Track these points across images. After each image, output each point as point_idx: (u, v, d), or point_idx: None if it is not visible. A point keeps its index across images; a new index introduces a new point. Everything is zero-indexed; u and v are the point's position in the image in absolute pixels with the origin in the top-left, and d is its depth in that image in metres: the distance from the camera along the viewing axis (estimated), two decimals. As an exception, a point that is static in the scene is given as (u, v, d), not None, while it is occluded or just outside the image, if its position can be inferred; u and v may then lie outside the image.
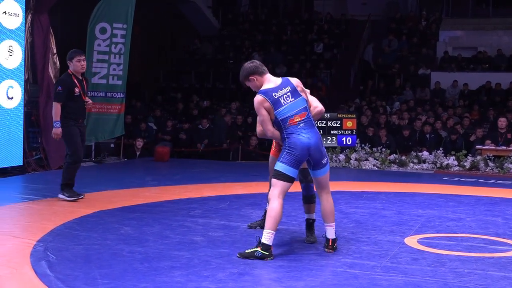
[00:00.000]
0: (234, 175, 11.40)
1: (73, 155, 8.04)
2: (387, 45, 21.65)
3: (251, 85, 5.70)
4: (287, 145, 5.44)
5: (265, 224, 5.39)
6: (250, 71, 5.66)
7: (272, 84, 5.56)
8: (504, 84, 18.66)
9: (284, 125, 5.46)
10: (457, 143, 14.10)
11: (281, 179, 5.43)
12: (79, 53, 8.11)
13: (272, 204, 5.41)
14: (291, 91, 5.54)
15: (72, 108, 7.95)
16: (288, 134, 5.45)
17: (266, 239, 5.30)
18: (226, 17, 24.80)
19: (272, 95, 5.48)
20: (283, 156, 5.44)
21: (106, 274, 4.73)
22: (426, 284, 4.67)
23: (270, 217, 5.38)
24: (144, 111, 17.87)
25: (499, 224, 7.18)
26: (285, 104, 5.48)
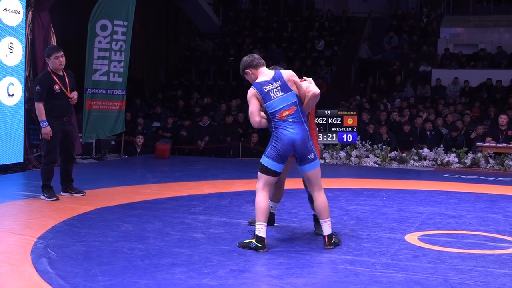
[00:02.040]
0: (234, 172, 11.40)
1: (47, 155, 7.98)
2: (388, 42, 21.63)
3: (248, 78, 5.88)
4: (273, 139, 5.59)
5: (256, 217, 5.57)
6: (246, 65, 5.84)
7: (266, 77, 5.69)
8: (505, 81, 18.66)
9: (273, 118, 5.59)
10: (458, 140, 14.10)
11: (265, 173, 5.64)
12: (56, 49, 7.99)
13: (258, 197, 5.60)
14: (281, 85, 5.64)
15: (55, 105, 7.84)
16: (275, 128, 5.59)
17: (258, 231, 5.50)
18: (227, 14, 24.79)
19: (263, 89, 5.61)
20: (268, 150, 5.61)
21: (106, 271, 4.73)
22: (426, 281, 4.67)
23: (257, 210, 5.56)
24: (145, 108, 17.88)
25: (499, 221, 7.18)
26: (274, 98, 5.59)
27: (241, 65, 5.89)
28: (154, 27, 21.72)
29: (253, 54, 6.00)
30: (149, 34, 21.23)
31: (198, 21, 23.57)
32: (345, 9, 24.43)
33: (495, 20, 21.97)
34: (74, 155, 8.49)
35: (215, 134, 15.57)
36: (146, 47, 20.97)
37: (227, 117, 16.17)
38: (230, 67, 21.40)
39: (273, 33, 23.05)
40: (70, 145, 8.11)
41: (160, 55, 22.53)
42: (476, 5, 23.38)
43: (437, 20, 22.49)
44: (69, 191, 8.16)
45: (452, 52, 20.83)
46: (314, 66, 20.40)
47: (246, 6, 26.07)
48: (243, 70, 5.87)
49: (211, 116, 16.65)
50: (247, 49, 21.93)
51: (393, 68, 20.28)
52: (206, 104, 18.43)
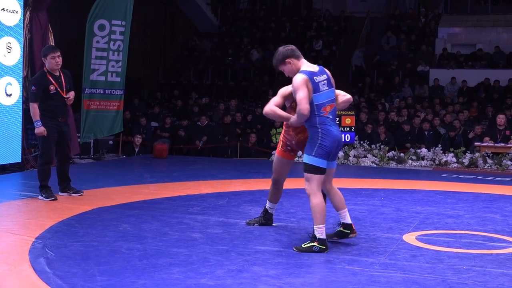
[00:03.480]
0: (232, 172, 11.39)
1: (42, 156, 7.95)
2: (386, 42, 21.64)
3: (286, 69, 5.64)
4: (320, 136, 5.42)
5: (315, 220, 5.45)
6: (287, 54, 5.60)
7: (312, 68, 5.54)
8: (502, 81, 18.66)
9: (318, 112, 5.44)
10: (456, 140, 14.11)
11: (316, 173, 5.45)
12: (53, 49, 7.95)
13: (315, 199, 5.45)
14: (327, 79, 5.56)
15: (50, 106, 7.79)
16: (320, 124, 5.45)
17: (320, 234, 5.41)
18: (225, 14, 24.81)
19: (314, 78, 5.45)
20: (316, 149, 5.42)
21: (104, 271, 4.73)
22: (424, 280, 4.67)
23: (317, 213, 5.43)
24: (143, 108, 17.88)
25: (497, 221, 7.19)
26: (322, 90, 5.48)
27: (280, 55, 5.62)
28: (152, 27, 21.71)
29: (290, 45, 5.75)
30: (147, 34, 21.23)
31: (196, 21, 23.58)
32: (343, 9, 24.43)
33: (493, 20, 22.00)
34: (70, 155, 8.45)
35: (213, 134, 15.57)
36: (144, 47, 20.96)
37: (225, 117, 16.16)
38: (228, 67, 21.41)
39: (271, 33, 23.07)
40: (66, 146, 8.05)
41: (158, 55, 22.53)
42: (474, 5, 23.39)
43: (435, 20, 22.51)
44: (67, 191, 8.14)
45: (450, 52, 20.85)
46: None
47: (244, 6, 26.09)
48: (283, 60, 5.60)
49: (209, 116, 16.65)
50: (245, 49, 21.97)
51: (391, 68, 20.29)
52: (204, 104, 18.43)
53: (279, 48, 5.71)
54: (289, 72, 5.63)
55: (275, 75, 20.02)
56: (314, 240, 5.43)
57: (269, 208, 6.52)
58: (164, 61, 22.86)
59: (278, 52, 5.66)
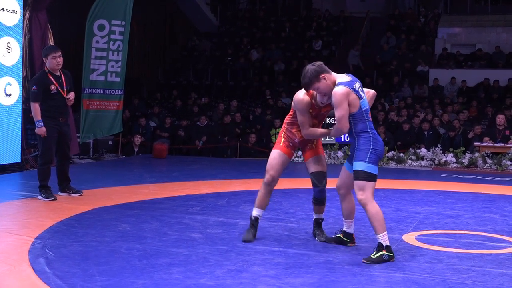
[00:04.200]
0: (232, 172, 11.40)
1: (42, 156, 7.93)
2: (386, 42, 21.64)
3: (322, 86, 5.32)
4: (371, 141, 5.28)
5: (376, 229, 5.25)
6: (320, 70, 5.31)
7: (347, 78, 5.33)
8: (502, 81, 18.66)
9: (367, 116, 5.30)
10: (455, 140, 14.12)
11: (372, 180, 5.32)
12: (54, 49, 7.93)
13: (373, 208, 5.27)
14: (361, 86, 5.40)
15: (51, 106, 7.79)
16: (371, 129, 5.32)
17: (386, 241, 5.23)
18: (225, 14, 24.81)
19: (353, 87, 5.24)
20: (369, 156, 5.26)
21: (104, 271, 4.73)
22: (424, 280, 4.67)
23: (377, 221, 5.24)
24: (142, 108, 17.88)
25: (497, 221, 7.19)
26: (363, 96, 5.34)
27: (312, 73, 5.29)
28: (152, 27, 21.71)
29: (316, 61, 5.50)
30: (147, 34, 21.22)
31: (195, 21, 23.59)
32: (343, 9, 24.45)
33: (493, 20, 22.00)
34: (70, 156, 8.43)
35: (213, 134, 15.57)
36: (143, 47, 20.96)
37: (225, 117, 16.16)
38: (228, 67, 21.41)
39: (271, 33, 23.07)
40: (66, 146, 8.04)
41: (157, 55, 22.52)
42: (473, 5, 23.40)
43: (435, 20, 22.52)
44: (66, 191, 8.13)
45: (449, 52, 20.85)
46: (312, 66, 20.35)
47: (244, 6, 26.10)
48: (318, 76, 5.28)
49: (208, 116, 16.65)
50: (244, 49, 21.96)
51: (390, 68, 20.29)
52: (203, 104, 18.43)
53: (307, 66, 5.40)
54: (325, 88, 5.32)
55: (275, 75, 20.03)
56: (382, 248, 5.22)
57: (259, 216, 5.99)
58: (163, 61, 22.86)
59: (307, 70, 5.34)
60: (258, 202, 5.96)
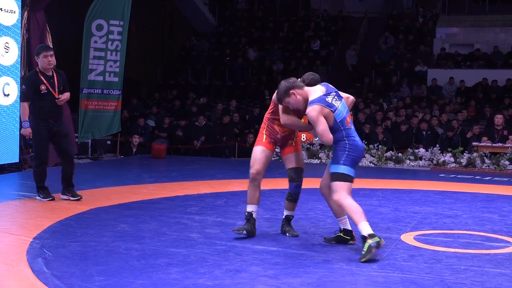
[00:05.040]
0: (230, 172, 11.40)
1: (36, 157, 7.81)
2: (384, 42, 21.64)
3: (291, 101, 5.59)
4: (347, 147, 5.46)
5: (354, 220, 5.36)
6: (290, 86, 5.57)
7: (320, 92, 5.51)
8: (500, 81, 18.69)
9: (342, 127, 5.48)
10: (454, 140, 14.12)
11: (347, 181, 5.47)
12: (46, 48, 7.78)
13: (347, 201, 5.42)
14: (336, 94, 5.57)
15: (41, 107, 7.58)
16: (347, 137, 5.49)
17: (367, 229, 5.28)
18: (223, 14, 24.81)
19: (326, 101, 5.44)
20: (344, 158, 5.45)
21: (102, 271, 4.72)
22: (422, 280, 4.67)
23: (355, 212, 5.36)
24: (141, 108, 17.88)
25: (495, 221, 7.19)
26: (337, 106, 5.49)
27: (283, 88, 5.58)
28: (150, 27, 21.71)
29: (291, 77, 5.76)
30: (145, 34, 21.21)
31: (194, 21, 23.59)
32: (341, 9, 24.46)
33: (491, 20, 22.02)
34: (71, 153, 8.06)
35: (211, 134, 15.57)
36: (142, 47, 20.96)
37: (224, 117, 16.16)
38: (226, 67, 21.41)
39: (269, 32, 23.08)
40: (64, 143, 7.81)
41: (156, 55, 22.52)
42: (471, 5, 23.41)
43: (433, 20, 22.53)
44: (66, 194, 7.90)
45: (448, 52, 20.86)
46: (310, 66, 20.39)
47: (242, 6, 26.10)
48: (287, 92, 5.56)
49: (207, 116, 16.65)
50: (243, 49, 21.96)
51: (389, 68, 20.30)
52: (202, 104, 18.43)
53: (281, 82, 5.67)
54: (295, 103, 5.60)
55: (273, 75, 20.03)
56: (365, 239, 5.27)
57: (252, 212, 6.08)
58: (162, 61, 22.85)
59: (280, 86, 5.63)
60: (249, 199, 6.09)
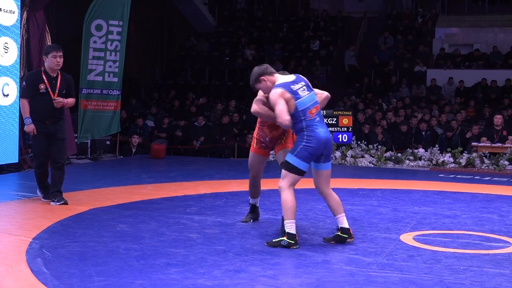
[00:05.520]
0: (230, 172, 11.40)
1: (35, 159, 7.76)
2: (383, 43, 21.65)
3: (262, 87, 5.85)
4: (305, 139, 5.60)
5: (284, 215, 5.62)
6: (260, 73, 5.82)
7: (288, 79, 5.73)
8: (499, 81, 18.70)
9: (303, 117, 5.61)
10: (453, 140, 14.13)
11: (293, 172, 5.62)
12: (56, 48, 7.64)
13: (285, 195, 5.62)
14: (305, 85, 5.76)
15: (39, 106, 7.48)
16: (307, 127, 5.62)
17: (289, 228, 5.55)
18: (222, 14, 24.80)
19: (290, 87, 5.66)
20: (298, 150, 5.60)
21: (102, 271, 4.72)
22: (421, 281, 4.68)
23: (286, 208, 5.59)
24: (140, 108, 17.87)
25: (494, 221, 7.20)
26: (303, 95, 5.65)
27: (254, 75, 5.85)
28: (150, 27, 21.70)
29: (263, 64, 6.01)
30: (144, 34, 21.21)
31: (193, 21, 23.58)
32: (340, 9, 24.48)
33: (490, 20, 22.02)
34: (60, 160, 7.70)
35: (211, 134, 15.57)
36: (141, 47, 20.95)
37: (223, 117, 16.16)
38: (226, 67, 21.40)
39: (268, 33, 23.08)
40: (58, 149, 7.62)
41: (155, 55, 22.52)
42: (471, 5, 23.42)
43: (432, 20, 22.53)
44: (52, 198, 7.63)
45: (447, 52, 20.87)
46: (310, 66, 20.42)
47: (242, 6, 26.09)
48: (257, 78, 5.82)
49: (206, 116, 16.64)
50: (242, 49, 21.96)
51: (388, 68, 20.30)
52: (201, 104, 18.43)
53: (254, 68, 5.93)
54: (265, 89, 5.84)
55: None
56: (284, 234, 5.59)
57: (255, 203, 6.80)
58: (161, 61, 22.85)
59: (252, 72, 5.89)
60: (251, 194, 6.75)
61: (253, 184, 6.63)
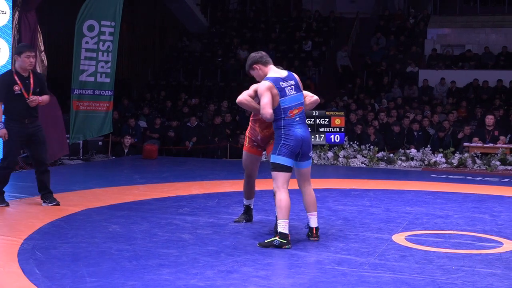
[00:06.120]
0: (222, 172, 11.40)
1: (4, 159, 7.51)
2: (376, 43, 21.69)
3: (255, 74, 6.00)
4: (283, 137, 5.73)
5: (278, 215, 5.71)
6: (255, 60, 5.96)
7: (278, 74, 5.85)
8: (491, 81, 18.76)
9: (284, 114, 5.75)
10: (445, 141, 14.17)
11: (281, 171, 5.73)
12: (29, 48, 7.55)
13: (279, 195, 5.71)
14: (295, 85, 5.87)
15: (15, 108, 7.32)
16: (284, 126, 5.75)
17: (282, 228, 5.62)
18: (215, 15, 24.79)
19: (280, 84, 5.76)
20: (279, 149, 5.74)
21: (94, 272, 4.71)
22: (414, 281, 4.68)
23: (280, 207, 5.68)
24: (132, 109, 17.84)
25: (486, 221, 7.22)
26: (289, 95, 5.78)
27: (249, 61, 5.99)
28: (142, 28, 21.67)
29: (261, 51, 6.10)
30: (137, 35, 21.18)
31: (185, 22, 23.56)
32: (333, 9, 24.47)
33: (482, 21, 22.07)
34: (45, 161, 7.67)
35: (203, 134, 15.55)
36: (133, 47, 20.92)
37: (215, 117, 16.15)
38: (218, 68, 21.39)
39: (261, 33, 23.07)
40: (40, 150, 7.52)
41: (147, 56, 22.49)
42: (462, 6, 23.48)
43: (424, 21, 22.57)
44: (43, 200, 7.59)
45: (439, 53, 20.92)
46: (302, 67, 20.42)
47: (234, 7, 26.08)
48: (251, 66, 5.97)
49: (198, 117, 16.63)
50: (234, 50, 21.96)
51: (380, 69, 20.34)
52: (193, 104, 18.40)
53: (251, 53, 6.06)
54: (257, 77, 5.99)
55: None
56: (276, 234, 5.66)
57: (250, 204, 6.82)
58: (153, 61, 22.82)
59: (249, 57, 6.04)
60: (245, 194, 6.78)
61: (248, 184, 6.68)
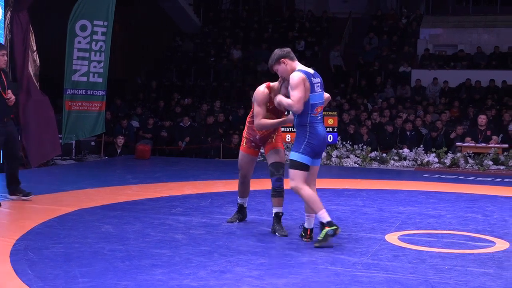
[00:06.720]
0: (215, 172, 11.39)
1: None
2: (368, 43, 21.71)
3: (281, 69, 5.85)
4: (308, 135, 5.68)
5: (314, 210, 5.68)
6: (283, 55, 5.84)
7: (308, 70, 5.79)
8: (483, 81, 18.80)
9: (311, 111, 5.69)
10: (438, 140, 14.20)
11: (301, 169, 5.68)
12: (2, 47, 7.60)
13: (304, 193, 5.67)
14: (321, 82, 5.85)
15: None
16: (310, 123, 5.70)
17: (324, 218, 5.62)
18: (208, 15, 24.77)
19: (311, 79, 5.70)
20: (303, 147, 5.68)
21: (86, 273, 4.70)
22: (406, 280, 4.69)
23: (313, 201, 5.67)
24: (125, 109, 17.81)
25: (479, 221, 7.23)
26: (317, 91, 5.74)
27: (276, 56, 5.85)
28: (135, 27, 21.63)
29: (286, 47, 6.02)
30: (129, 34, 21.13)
31: (178, 22, 23.53)
32: (325, 9, 24.49)
33: (474, 21, 22.14)
34: (19, 156, 7.89)
35: (196, 134, 15.54)
36: (126, 47, 20.87)
37: (208, 117, 16.14)
38: (211, 68, 21.38)
39: (253, 33, 23.07)
40: (14, 146, 7.67)
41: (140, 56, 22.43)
42: (455, 6, 23.54)
43: (417, 21, 22.61)
44: (16, 194, 7.77)
45: (431, 53, 20.96)
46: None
47: (227, 7, 26.07)
48: (278, 60, 5.83)
49: (191, 117, 16.62)
50: (227, 50, 21.95)
51: (373, 69, 20.36)
52: (186, 104, 18.39)
53: (276, 50, 5.93)
54: (283, 72, 5.85)
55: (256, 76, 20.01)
56: (324, 226, 5.62)
57: (243, 203, 6.82)
58: (146, 61, 22.77)
59: (274, 53, 5.90)
60: (240, 193, 6.78)
61: (243, 183, 6.69)
